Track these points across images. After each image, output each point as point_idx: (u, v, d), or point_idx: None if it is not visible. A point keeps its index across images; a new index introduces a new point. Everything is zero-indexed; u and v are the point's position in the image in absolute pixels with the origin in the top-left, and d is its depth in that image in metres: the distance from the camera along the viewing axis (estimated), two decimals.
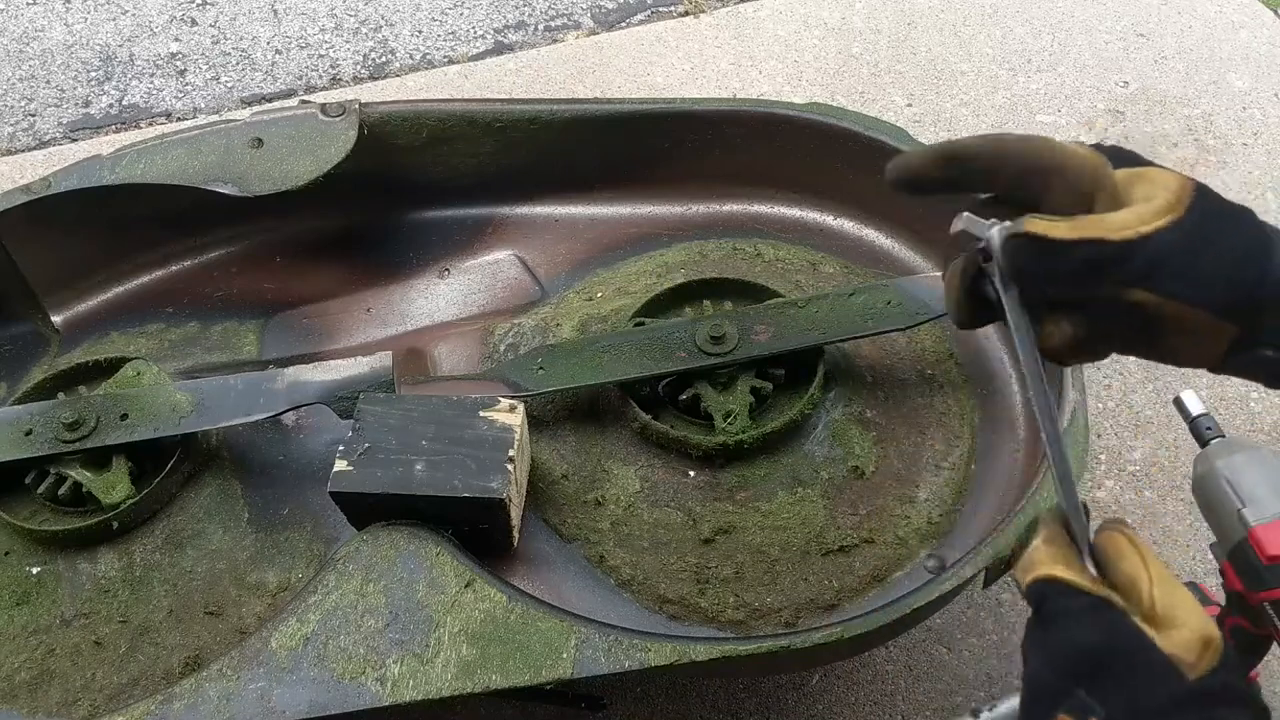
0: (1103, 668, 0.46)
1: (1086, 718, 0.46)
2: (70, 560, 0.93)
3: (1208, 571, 1.15)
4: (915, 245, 1.15)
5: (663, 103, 1.15)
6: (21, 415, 0.95)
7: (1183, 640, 0.46)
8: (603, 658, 0.76)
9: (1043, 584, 0.49)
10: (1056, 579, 0.49)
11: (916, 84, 1.75)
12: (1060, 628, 0.48)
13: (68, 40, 1.92)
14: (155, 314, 1.14)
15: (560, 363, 0.98)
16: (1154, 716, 0.45)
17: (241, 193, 1.05)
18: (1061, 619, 0.48)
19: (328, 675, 0.76)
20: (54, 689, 0.87)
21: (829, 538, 0.92)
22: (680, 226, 1.20)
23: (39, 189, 1.05)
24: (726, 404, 0.95)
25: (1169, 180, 0.50)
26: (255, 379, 0.97)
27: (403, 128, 1.13)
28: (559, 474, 0.97)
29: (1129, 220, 0.49)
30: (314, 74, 1.86)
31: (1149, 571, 0.48)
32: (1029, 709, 0.49)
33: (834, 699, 1.07)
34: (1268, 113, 1.69)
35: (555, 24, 1.94)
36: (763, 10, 1.91)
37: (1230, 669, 0.46)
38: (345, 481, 0.84)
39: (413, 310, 1.15)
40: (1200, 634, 0.46)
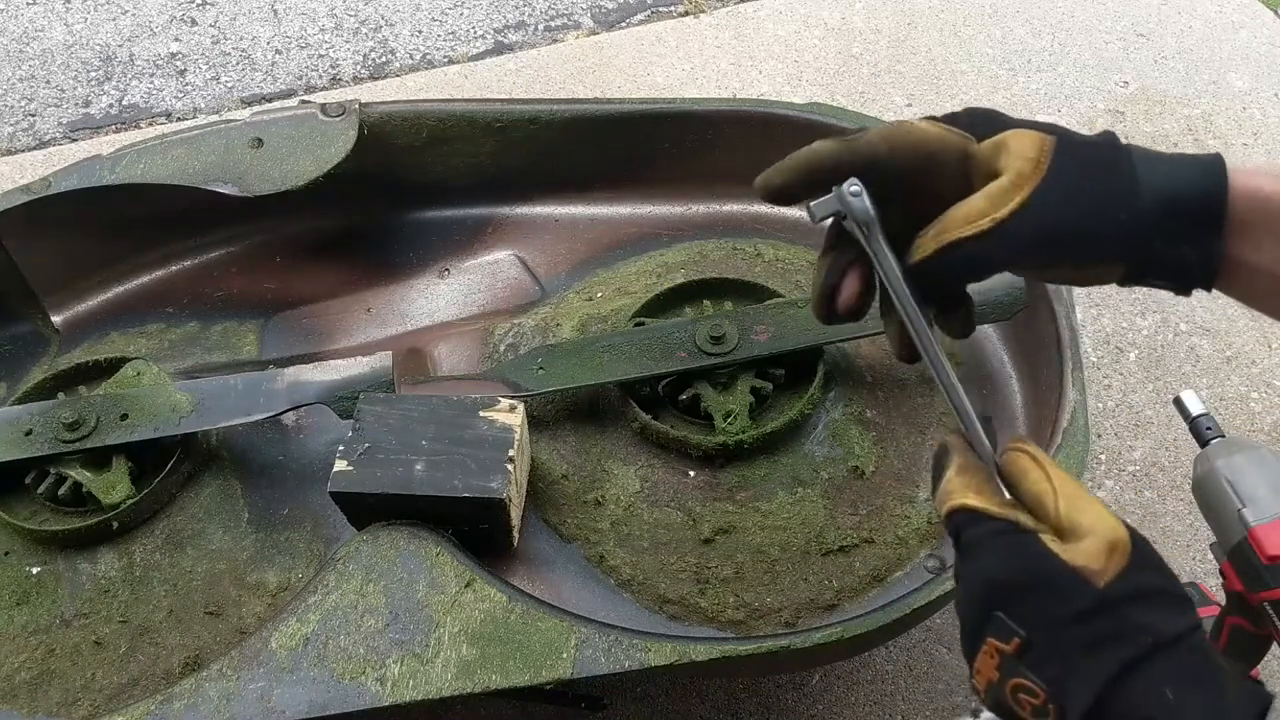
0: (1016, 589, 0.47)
1: (1009, 640, 0.47)
2: (70, 560, 0.93)
3: (1208, 571, 1.15)
4: None
5: (663, 103, 1.15)
6: (21, 415, 0.95)
7: (1088, 549, 0.46)
8: (603, 658, 0.76)
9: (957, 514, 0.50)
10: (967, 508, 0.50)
11: (916, 84, 1.75)
12: (974, 556, 0.49)
13: (68, 40, 1.92)
14: (155, 314, 1.14)
15: (560, 363, 0.98)
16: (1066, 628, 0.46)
17: (241, 193, 1.05)
18: (974, 548, 0.49)
19: (328, 675, 0.76)
20: (54, 689, 0.87)
21: (829, 538, 0.92)
22: (680, 226, 1.20)
23: (39, 189, 1.05)
24: (726, 404, 0.95)
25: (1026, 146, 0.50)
26: (255, 379, 0.97)
27: (403, 128, 1.13)
28: (559, 474, 0.97)
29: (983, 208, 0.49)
30: (314, 74, 1.86)
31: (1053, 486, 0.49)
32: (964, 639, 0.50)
33: (834, 699, 1.07)
34: (1268, 113, 1.69)
35: (555, 24, 1.94)
36: (763, 10, 1.91)
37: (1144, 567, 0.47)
38: (345, 481, 0.84)
39: (413, 310, 1.15)
40: (1105, 539, 0.46)
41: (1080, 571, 0.46)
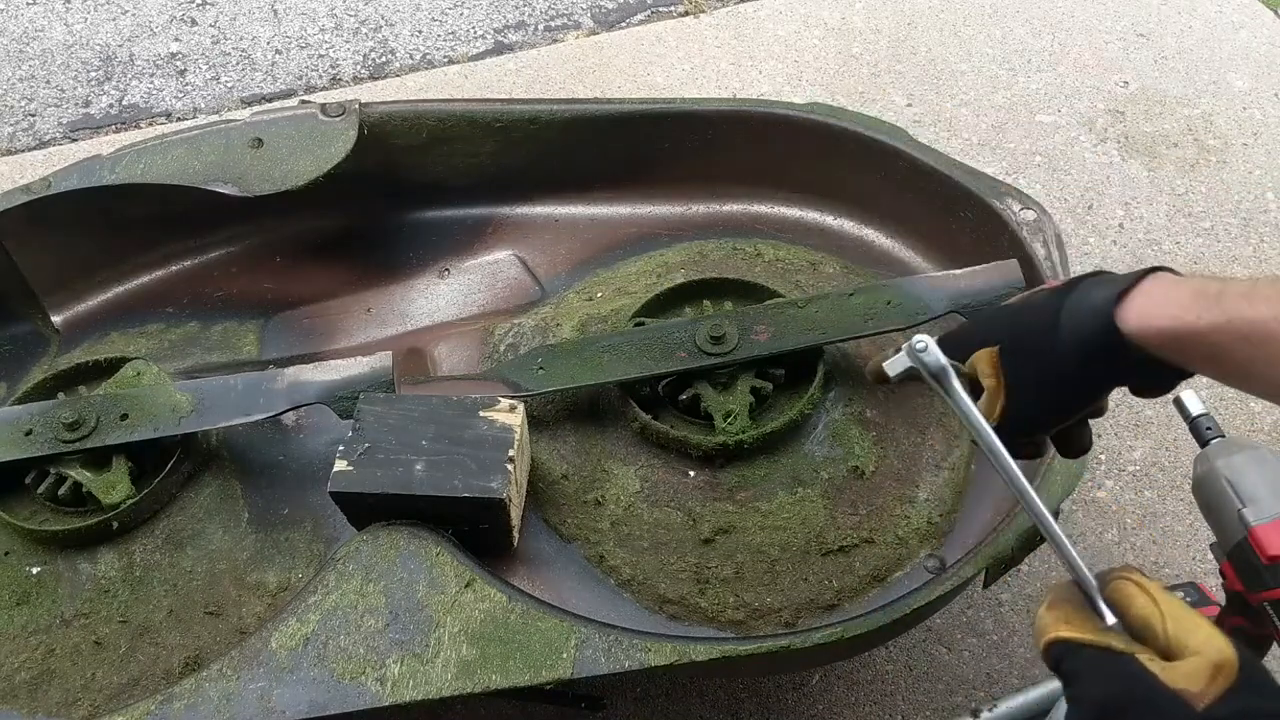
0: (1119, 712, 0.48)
1: None
2: (70, 560, 0.93)
3: (1208, 571, 1.15)
4: (915, 245, 1.16)
5: (663, 103, 1.15)
6: (21, 415, 0.95)
7: (1191, 670, 0.47)
8: (603, 658, 0.76)
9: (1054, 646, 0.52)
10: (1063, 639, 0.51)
11: (916, 84, 1.75)
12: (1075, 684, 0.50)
13: (68, 40, 1.92)
14: (155, 314, 1.14)
15: (560, 363, 0.98)
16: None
17: (241, 193, 1.05)
18: (1074, 676, 0.50)
19: (328, 675, 0.76)
20: (54, 689, 0.87)
21: (829, 538, 0.92)
22: (680, 226, 1.20)
23: (39, 189, 1.05)
24: (726, 404, 0.95)
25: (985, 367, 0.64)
26: (255, 379, 0.97)
27: (403, 128, 1.13)
28: (559, 474, 0.97)
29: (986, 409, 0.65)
30: (314, 74, 1.86)
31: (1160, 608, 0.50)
32: None
33: (834, 699, 1.07)
34: (1268, 113, 1.69)
35: (555, 24, 1.94)
36: (763, 10, 1.91)
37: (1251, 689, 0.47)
38: (345, 481, 0.84)
39: (413, 310, 1.15)
40: (1211, 661, 0.47)
41: (1181, 694, 0.46)
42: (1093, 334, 0.60)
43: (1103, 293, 0.60)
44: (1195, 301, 0.56)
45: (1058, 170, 1.61)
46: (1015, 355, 0.64)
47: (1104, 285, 0.60)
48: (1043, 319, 0.62)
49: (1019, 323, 0.64)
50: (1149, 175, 1.60)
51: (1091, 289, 0.61)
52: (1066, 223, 1.52)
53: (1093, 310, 0.60)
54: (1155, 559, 1.17)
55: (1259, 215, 1.54)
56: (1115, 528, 1.19)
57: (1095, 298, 0.60)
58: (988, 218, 1.04)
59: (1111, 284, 0.60)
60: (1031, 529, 0.83)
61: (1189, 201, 1.56)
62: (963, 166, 1.08)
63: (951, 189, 1.07)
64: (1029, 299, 0.65)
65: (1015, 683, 1.07)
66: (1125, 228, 1.53)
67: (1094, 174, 1.60)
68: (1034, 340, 0.63)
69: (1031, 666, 1.09)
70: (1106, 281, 0.61)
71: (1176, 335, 0.57)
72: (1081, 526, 1.19)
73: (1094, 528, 1.19)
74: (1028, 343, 0.63)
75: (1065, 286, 0.63)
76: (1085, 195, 1.57)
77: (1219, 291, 0.56)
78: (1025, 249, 0.99)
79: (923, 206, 1.11)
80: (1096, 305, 0.59)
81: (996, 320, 0.66)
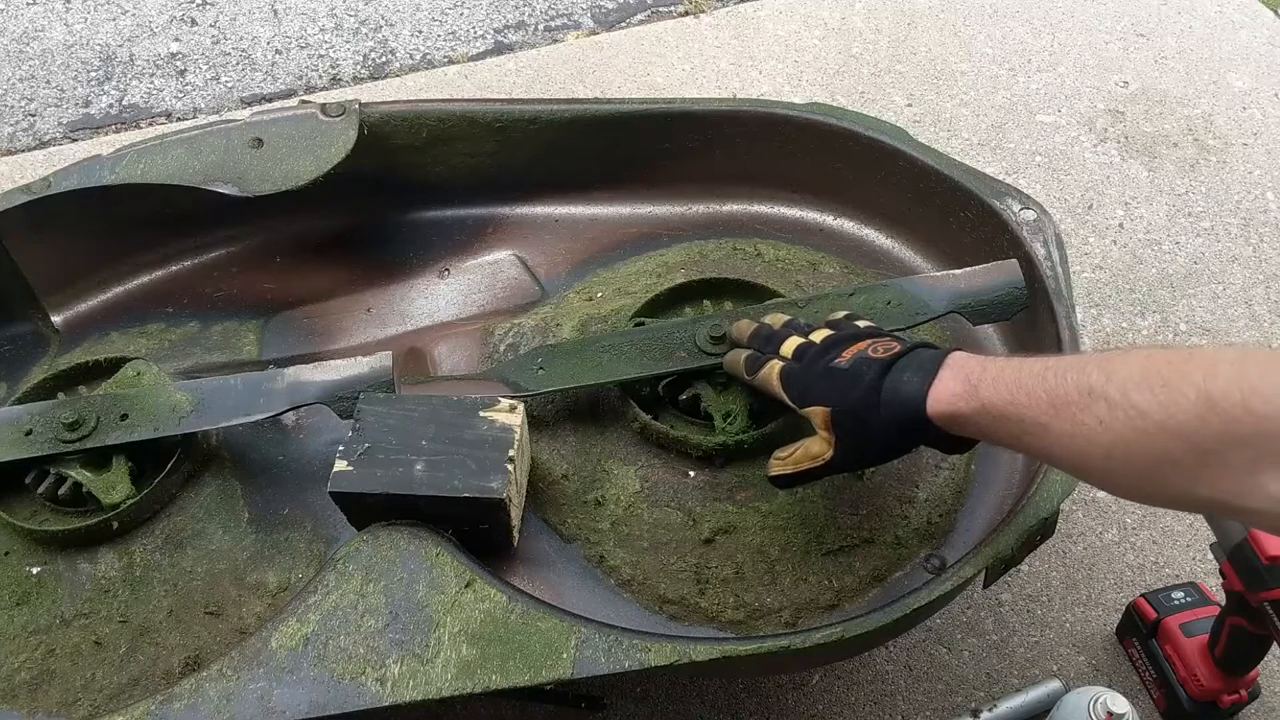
0: None
1: None
2: (70, 560, 0.93)
3: (1208, 571, 1.15)
4: (915, 245, 1.16)
5: (663, 103, 1.15)
6: (21, 415, 0.95)
7: None
8: (603, 658, 0.76)
9: None
10: None
11: (916, 84, 1.75)
12: None
13: (68, 40, 1.92)
14: (155, 314, 1.14)
15: (560, 363, 0.98)
16: None
17: (241, 193, 1.05)
18: None
19: (328, 675, 0.76)
20: (54, 689, 0.87)
21: (829, 538, 0.92)
22: (680, 226, 1.20)
23: (39, 189, 1.05)
24: (726, 404, 0.95)
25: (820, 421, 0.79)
26: (255, 379, 0.97)
27: (403, 128, 1.13)
28: (559, 474, 0.97)
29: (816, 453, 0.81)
30: (314, 74, 1.86)
31: None
32: None
33: (834, 699, 1.07)
34: (1268, 113, 1.69)
35: (555, 24, 1.94)
36: (763, 10, 1.91)
37: None
38: (345, 481, 0.84)
39: (413, 310, 1.15)
40: None
41: None
42: (905, 419, 0.73)
43: (915, 381, 0.72)
44: (964, 389, 0.69)
45: (1058, 170, 1.61)
46: (842, 419, 0.77)
47: (916, 371, 0.73)
48: (867, 397, 0.74)
49: (850, 397, 0.76)
50: (1149, 175, 1.60)
51: (905, 372, 0.73)
52: (1066, 223, 1.53)
53: (906, 398, 0.72)
54: (1155, 559, 1.17)
55: (1259, 215, 1.54)
56: (1115, 528, 1.19)
57: (908, 385, 0.73)
58: (988, 218, 1.04)
59: (922, 371, 0.72)
60: (1032, 529, 0.83)
61: (1189, 201, 1.56)
62: (963, 166, 1.08)
63: (951, 189, 1.07)
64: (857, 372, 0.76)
65: (1015, 683, 1.07)
66: (1125, 228, 1.53)
67: (1094, 174, 1.60)
68: (858, 412, 0.76)
69: (1031, 666, 1.09)
70: (918, 367, 0.73)
71: (954, 419, 0.70)
72: (1081, 526, 1.19)
73: (1094, 528, 1.19)
74: (853, 413, 0.76)
75: (884, 366, 0.75)
76: (1085, 195, 1.57)
77: (979, 379, 0.69)
78: (1025, 249, 0.99)
79: (923, 206, 1.11)
80: (909, 394, 0.72)
81: (831, 383, 0.78)
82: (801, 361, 0.83)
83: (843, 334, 0.84)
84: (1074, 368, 0.62)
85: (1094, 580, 1.15)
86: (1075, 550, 1.18)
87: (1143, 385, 0.57)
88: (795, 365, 0.83)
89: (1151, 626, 1.04)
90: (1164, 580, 1.14)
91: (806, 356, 0.83)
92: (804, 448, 0.82)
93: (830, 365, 0.80)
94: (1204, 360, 0.56)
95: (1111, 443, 0.59)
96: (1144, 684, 1.07)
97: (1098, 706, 0.90)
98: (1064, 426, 0.61)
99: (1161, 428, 0.56)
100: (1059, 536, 1.16)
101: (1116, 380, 0.59)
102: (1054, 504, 0.83)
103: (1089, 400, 0.60)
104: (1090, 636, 1.11)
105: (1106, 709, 0.90)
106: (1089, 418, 0.60)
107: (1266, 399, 0.52)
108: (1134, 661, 1.08)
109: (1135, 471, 0.59)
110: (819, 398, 0.79)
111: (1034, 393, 0.64)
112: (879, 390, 0.74)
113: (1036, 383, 0.64)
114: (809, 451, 0.81)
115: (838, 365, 0.79)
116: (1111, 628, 1.11)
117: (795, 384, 0.82)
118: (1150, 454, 0.57)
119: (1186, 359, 0.57)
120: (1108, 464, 0.60)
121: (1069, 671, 1.09)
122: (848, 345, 0.80)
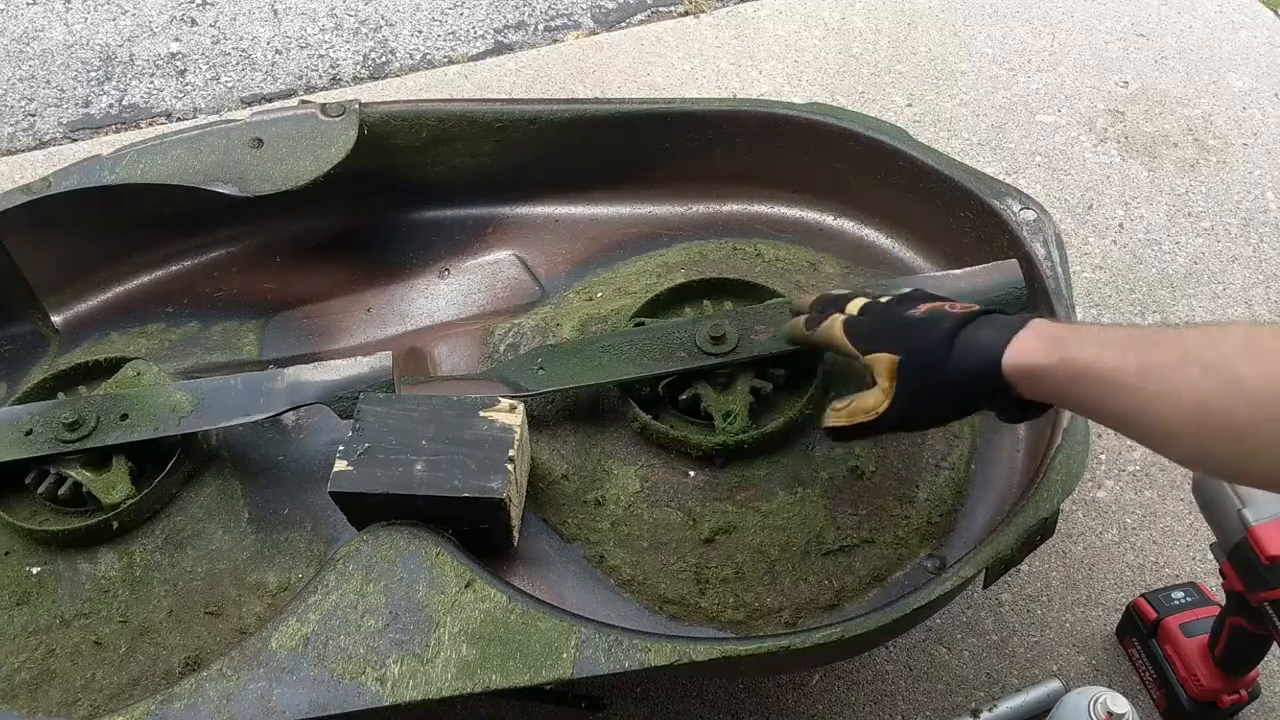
0: None
1: None
2: (70, 560, 0.93)
3: (1208, 571, 1.15)
4: (915, 245, 1.16)
5: (663, 103, 1.15)
6: (21, 415, 0.95)
7: None
8: (603, 658, 0.76)
9: None
10: None
11: (916, 84, 1.75)
12: None
13: (68, 40, 1.92)
14: (155, 314, 1.14)
15: (560, 363, 0.98)
16: None
17: (241, 193, 1.05)
18: None
19: (328, 675, 0.76)
20: (54, 689, 0.87)
21: (829, 538, 0.92)
22: (680, 226, 1.20)
23: (39, 189, 1.05)
24: (726, 404, 0.95)
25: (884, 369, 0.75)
26: (255, 379, 0.97)
27: (403, 128, 1.13)
28: (559, 474, 0.97)
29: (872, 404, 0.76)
30: (314, 74, 1.86)
31: None
32: None
33: (834, 699, 1.07)
34: (1268, 113, 1.69)
35: (555, 24, 1.94)
36: (763, 10, 1.91)
37: None
38: (345, 481, 0.84)
39: (413, 310, 1.15)
40: None
41: None
42: (980, 370, 0.70)
43: (993, 335, 0.70)
44: (1045, 345, 0.67)
45: (1058, 170, 1.61)
46: (910, 368, 0.74)
47: (995, 328, 0.71)
48: (940, 346, 0.72)
49: (921, 344, 0.73)
50: (1149, 175, 1.60)
51: (983, 328, 0.71)
52: (1066, 223, 1.52)
53: (983, 350, 0.70)
54: (1155, 559, 1.17)
55: (1259, 215, 1.54)
56: (1115, 528, 1.19)
57: (986, 338, 0.70)
58: (988, 218, 1.04)
59: (1002, 328, 0.70)
60: (1031, 529, 0.83)
61: (1189, 201, 1.56)
62: (963, 166, 1.08)
63: (951, 189, 1.07)
64: (933, 320, 0.74)
65: (1015, 683, 1.07)
66: (1125, 228, 1.53)
67: (1094, 174, 1.60)
68: (929, 362, 0.72)
69: (1031, 666, 1.09)
70: (998, 325, 0.71)
71: (1030, 374, 0.68)
72: (1081, 526, 1.19)
73: (1094, 528, 1.19)
74: (923, 361, 0.73)
75: (961, 319, 0.72)
76: (1085, 195, 1.57)
77: (1062, 337, 0.67)
78: (1025, 249, 0.99)
79: (923, 206, 1.11)
80: (986, 345, 0.70)
81: (903, 331, 0.75)
82: (870, 315, 0.81)
83: (917, 293, 0.81)
84: (1171, 334, 0.61)
85: (1094, 580, 1.15)
86: (1075, 550, 1.18)
87: (1244, 353, 0.56)
88: (864, 318, 0.81)
89: (1151, 626, 1.04)
90: (1164, 580, 1.14)
91: (875, 309, 0.81)
92: (859, 400, 0.78)
93: (904, 315, 0.77)
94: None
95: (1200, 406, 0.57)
96: (1144, 684, 1.07)
97: (1098, 706, 0.90)
98: (1151, 387, 0.60)
99: (1257, 397, 0.55)
100: (1059, 536, 1.16)
101: (1217, 348, 0.58)
102: (1054, 504, 0.83)
103: (1183, 364, 0.58)
104: (1090, 636, 1.11)
105: (1106, 709, 0.90)
106: (1179, 380, 0.58)
107: None
108: (1134, 661, 1.08)
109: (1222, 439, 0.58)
110: (887, 344, 0.75)
111: (1124, 353, 0.62)
112: (953, 341, 0.71)
113: (1125, 343, 0.62)
114: (863, 404, 0.77)
115: (912, 315, 0.76)
116: (1111, 628, 1.11)
117: (862, 330, 0.79)
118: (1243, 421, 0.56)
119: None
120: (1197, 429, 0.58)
121: (1069, 671, 1.09)
122: (923, 301, 0.78)
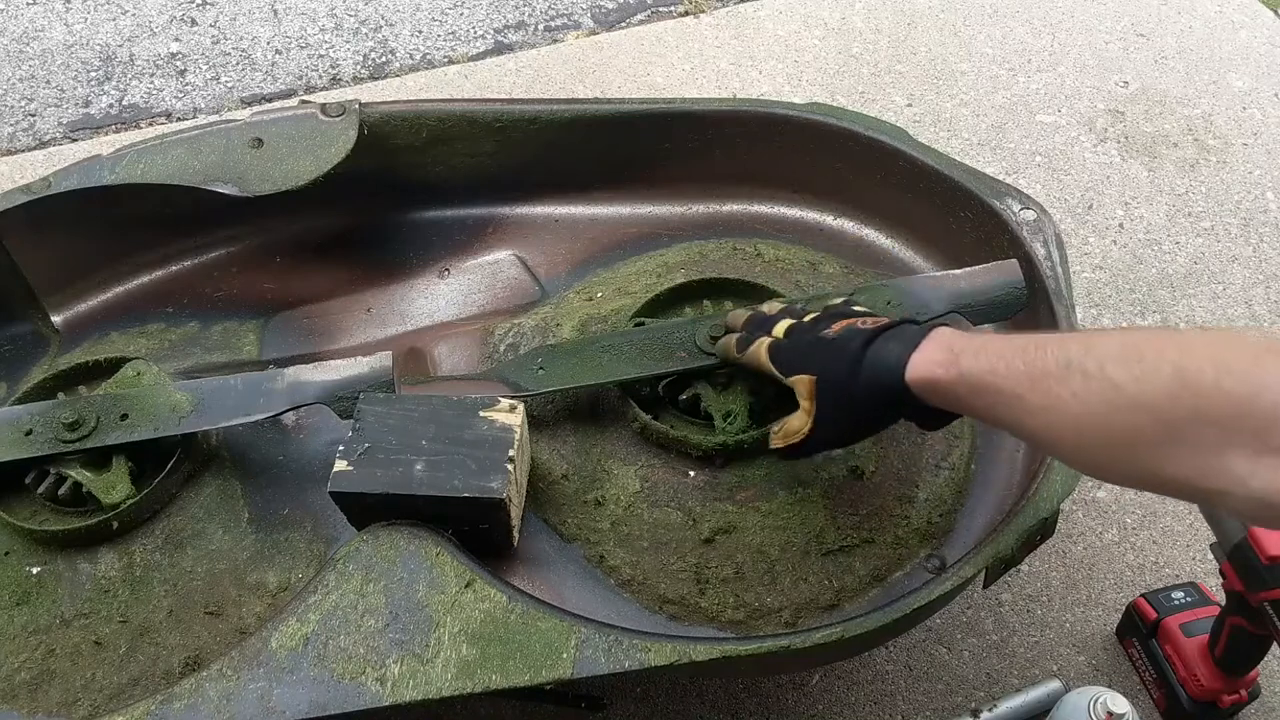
0: None
1: None
2: (70, 560, 0.93)
3: (1208, 571, 1.15)
4: (915, 245, 1.16)
5: (663, 103, 1.15)
6: (21, 415, 0.95)
7: None
8: (603, 658, 0.76)
9: None
10: None
11: (916, 84, 1.75)
12: None
13: (68, 40, 1.92)
14: (155, 314, 1.14)
15: (560, 363, 0.98)
16: None
17: (241, 193, 1.05)
18: None
19: (328, 675, 0.76)
20: (54, 689, 0.87)
21: (829, 538, 0.92)
22: (680, 226, 1.20)
23: (39, 189, 1.05)
24: (726, 404, 0.95)
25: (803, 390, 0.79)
26: (255, 379, 0.97)
27: (403, 128, 1.13)
28: (559, 474, 0.97)
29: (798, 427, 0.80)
30: (314, 74, 1.86)
31: None
32: None
33: (834, 699, 1.07)
34: (1268, 113, 1.69)
35: (555, 24, 1.94)
36: (763, 10, 1.91)
37: None
38: (345, 481, 0.84)
39: (413, 310, 1.15)
40: None
41: None
42: (886, 384, 0.73)
43: (897, 350, 0.72)
44: (944, 357, 0.69)
45: (1058, 170, 1.61)
46: (825, 387, 0.77)
47: (901, 341, 0.73)
48: (851, 364, 0.75)
49: (833, 364, 0.77)
50: (1149, 175, 1.60)
51: (890, 342, 0.74)
52: (1066, 223, 1.52)
53: (886, 365, 0.73)
54: (1155, 559, 1.17)
55: (1259, 215, 1.54)
56: (1115, 528, 1.19)
57: (890, 353, 0.73)
58: (988, 218, 1.04)
59: (906, 341, 0.72)
60: (1031, 529, 0.83)
61: (1189, 201, 1.56)
62: (963, 166, 1.08)
63: (951, 189, 1.07)
64: (845, 339, 0.77)
65: (1015, 683, 1.07)
66: (1125, 228, 1.53)
67: (1094, 174, 1.60)
68: (840, 380, 0.76)
69: (1031, 666, 1.09)
70: (903, 337, 0.73)
71: (933, 386, 0.70)
72: (1081, 526, 1.19)
73: (1094, 528, 1.19)
74: (835, 380, 0.76)
75: (870, 335, 0.75)
76: (1085, 195, 1.57)
77: (961, 348, 0.68)
78: (1025, 249, 0.99)
79: (923, 206, 1.11)
80: (890, 363, 0.72)
81: (818, 352, 0.79)
82: (791, 337, 0.84)
83: (835, 311, 0.84)
84: (1055, 342, 0.62)
85: (1094, 580, 1.15)
86: (1075, 550, 1.18)
87: (1120, 359, 0.57)
88: (785, 341, 0.84)
89: (1151, 626, 1.04)
90: (1164, 580, 1.14)
91: (796, 332, 0.83)
92: (788, 422, 0.81)
93: (818, 336, 0.80)
94: (1182, 339, 0.56)
95: (1083, 416, 0.59)
96: (1144, 684, 1.07)
97: (1098, 706, 0.90)
98: (1038, 399, 0.61)
99: (1134, 402, 0.56)
100: (1059, 536, 1.16)
101: (1095, 354, 0.58)
102: (1054, 504, 0.83)
103: (1066, 373, 0.59)
104: (1090, 636, 1.11)
105: (1106, 709, 0.90)
106: (1064, 390, 0.59)
107: (1239, 378, 0.52)
108: (1134, 661, 1.08)
109: (1104, 446, 0.59)
110: (805, 366, 0.79)
111: (1013, 364, 0.63)
112: (862, 359, 0.74)
113: (1017, 355, 0.64)
114: (791, 426, 0.81)
115: (825, 335, 0.79)
116: (1111, 628, 1.11)
117: (783, 355, 0.82)
118: (1121, 429, 0.57)
119: (1166, 337, 0.57)
120: (1078, 438, 0.60)
121: (1069, 671, 1.09)
122: (838, 320, 0.81)
